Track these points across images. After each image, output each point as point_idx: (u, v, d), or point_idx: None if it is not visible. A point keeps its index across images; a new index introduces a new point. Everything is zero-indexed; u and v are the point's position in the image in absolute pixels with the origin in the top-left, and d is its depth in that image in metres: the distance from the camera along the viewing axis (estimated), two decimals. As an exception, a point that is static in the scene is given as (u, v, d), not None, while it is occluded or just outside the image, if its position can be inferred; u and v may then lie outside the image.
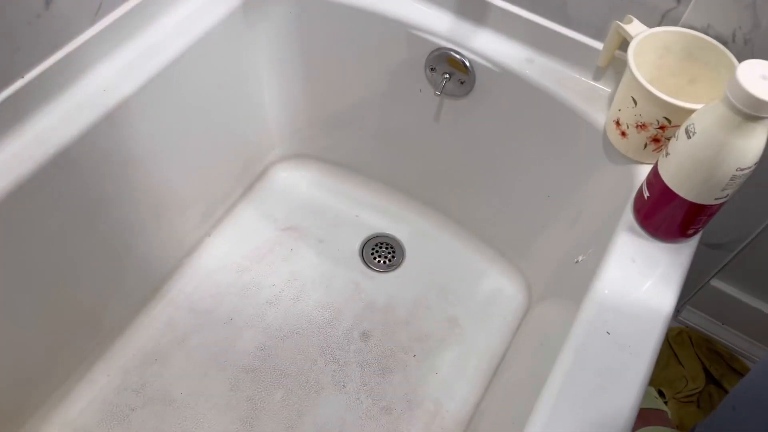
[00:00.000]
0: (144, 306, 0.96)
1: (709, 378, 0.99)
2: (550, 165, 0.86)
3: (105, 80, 0.73)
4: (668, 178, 0.60)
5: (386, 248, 1.06)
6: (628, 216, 0.67)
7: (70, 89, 0.71)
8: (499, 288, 1.02)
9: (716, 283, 0.96)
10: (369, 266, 1.04)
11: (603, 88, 0.78)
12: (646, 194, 0.64)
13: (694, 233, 0.65)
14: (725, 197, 0.58)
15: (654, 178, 0.62)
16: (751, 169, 0.55)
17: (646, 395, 0.91)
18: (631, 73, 0.64)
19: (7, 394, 0.79)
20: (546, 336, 0.77)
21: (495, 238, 1.04)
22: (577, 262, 0.78)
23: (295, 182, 1.12)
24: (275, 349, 0.94)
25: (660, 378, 0.98)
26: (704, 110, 0.55)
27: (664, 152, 0.61)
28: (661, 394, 0.96)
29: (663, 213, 0.63)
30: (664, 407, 0.91)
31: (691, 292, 0.99)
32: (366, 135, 1.04)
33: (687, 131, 0.56)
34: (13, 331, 0.75)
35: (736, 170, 0.55)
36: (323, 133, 1.08)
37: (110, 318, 0.90)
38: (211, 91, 0.88)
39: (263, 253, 1.04)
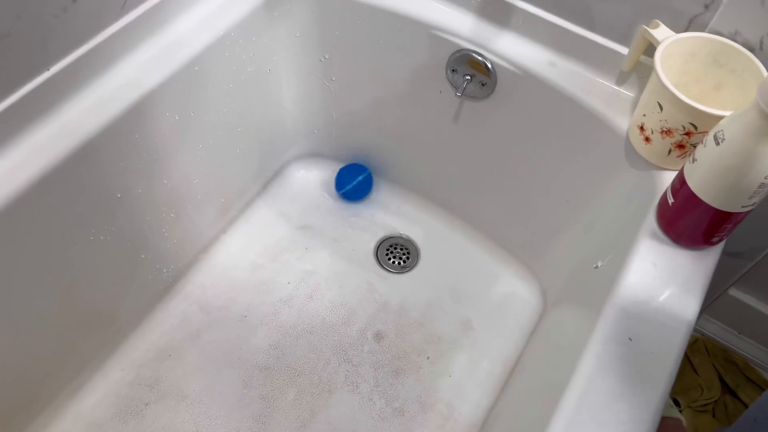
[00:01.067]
0: (159, 301, 0.96)
1: (725, 387, 0.98)
2: (570, 169, 0.85)
3: (129, 74, 0.74)
4: (694, 184, 0.59)
5: (401, 249, 1.06)
6: (651, 222, 0.67)
7: (94, 82, 0.72)
8: (513, 291, 1.01)
9: (734, 293, 0.95)
10: (383, 267, 1.04)
11: (626, 92, 0.78)
12: (671, 200, 0.63)
13: (719, 241, 0.64)
14: (752, 205, 0.58)
15: (679, 184, 0.62)
16: (780, 178, 0.54)
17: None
18: (658, 79, 0.63)
19: (22, 386, 0.79)
20: (562, 341, 0.76)
21: (511, 241, 1.04)
22: (596, 267, 0.78)
23: (312, 181, 1.12)
24: (289, 348, 0.94)
25: (675, 386, 0.97)
26: (733, 117, 0.55)
27: (690, 158, 0.60)
28: (676, 402, 0.95)
29: (687, 219, 0.62)
30: (679, 415, 0.90)
31: (708, 300, 0.98)
32: (384, 135, 1.04)
33: (716, 138, 0.56)
34: (30, 322, 0.75)
35: (765, 178, 0.54)
36: (341, 133, 1.08)
37: (125, 312, 0.90)
38: (231, 88, 0.88)
39: (278, 251, 1.04)
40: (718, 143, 0.56)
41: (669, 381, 0.57)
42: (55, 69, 0.67)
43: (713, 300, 0.97)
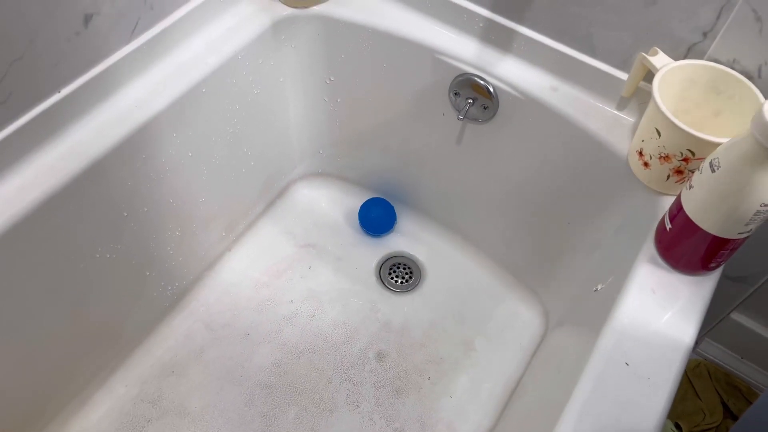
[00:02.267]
0: (164, 318, 0.97)
1: (727, 412, 0.98)
2: (570, 192, 0.86)
3: (138, 96, 0.75)
4: (691, 210, 0.60)
5: (404, 269, 1.07)
6: (650, 247, 0.68)
7: (104, 104, 0.73)
8: (515, 313, 1.02)
9: (736, 317, 0.95)
10: (386, 286, 1.04)
11: (626, 117, 0.78)
12: (668, 226, 0.64)
13: (716, 267, 0.64)
14: (749, 232, 0.58)
15: (677, 210, 0.62)
16: (775, 205, 0.55)
17: (662, 427, 0.90)
18: (656, 105, 0.64)
19: (27, 400, 0.80)
20: (563, 363, 0.76)
21: (513, 263, 1.04)
22: (596, 290, 0.78)
23: (316, 200, 1.13)
24: (291, 366, 0.94)
25: (677, 411, 0.97)
26: (729, 144, 0.56)
27: (687, 185, 0.61)
28: (677, 427, 0.95)
29: (685, 245, 0.63)
30: (681, 440, 0.90)
31: (710, 324, 0.98)
32: (388, 156, 1.06)
33: (711, 165, 0.56)
34: (37, 338, 0.76)
35: (761, 206, 0.55)
36: (345, 153, 1.09)
37: (130, 328, 0.91)
38: (238, 109, 0.90)
39: (282, 269, 1.05)
40: (713, 170, 0.56)
41: (666, 407, 0.57)
42: (66, 91, 0.69)
43: (715, 324, 0.97)
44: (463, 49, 0.85)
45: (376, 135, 1.03)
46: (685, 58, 0.71)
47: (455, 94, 0.88)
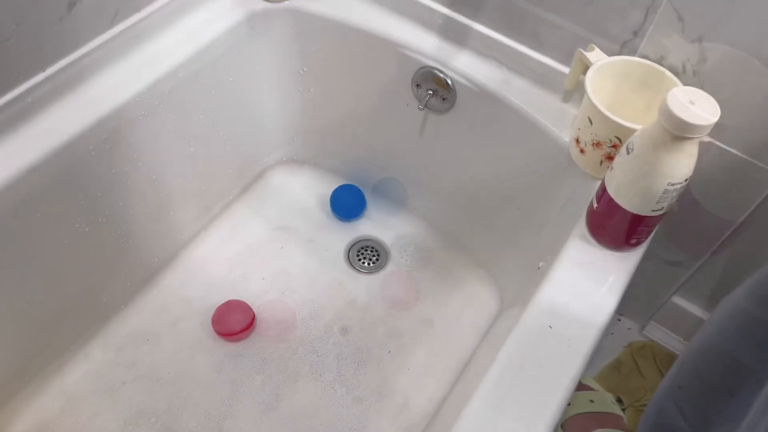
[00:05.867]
0: (140, 290, 1.03)
1: (669, 391, 1.04)
2: (522, 179, 0.92)
3: (117, 78, 0.81)
4: (612, 190, 0.66)
5: (371, 251, 1.13)
6: (581, 226, 0.74)
7: (85, 84, 0.79)
8: (474, 294, 1.08)
9: (678, 301, 1.01)
10: (354, 267, 1.10)
11: (570, 109, 0.85)
12: (595, 205, 0.70)
13: (637, 243, 0.71)
14: (661, 210, 0.65)
15: (602, 191, 0.68)
16: (681, 185, 0.61)
17: (603, 401, 0.97)
18: (587, 96, 0.71)
19: (8, 360, 0.86)
20: (503, 336, 0.82)
21: (473, 247, 1.10)
22: (539, 268, 0.84)
23: (290, 185, 1.19)
24: (259, 338, 1.00)
25: (621, 387, 1.03)
26: (642, 130, 0.62)
27: (610, 167, 0.67)
28: (619, 400, 1.01)
29: (609, 223, 0.69)
30: (621, 413, 0.96)
31: (654, 308, 1.04)
32: (357, 145, 1.12)
33: (627, 148, 0.63)
34: (18, 302, 0.82)
35: (668, 185, 0.61)
36: (318, 141, 1.16)
37: (108, 298, 0.97)
38: (215, 97, 0.95)
39: (254, 249, 1.11)
40: (629, 153, 0.63)
41: (582, 364, 0.63)
42: (50, 71, 0.75)
43: (659, 308, 1.03)
44: (425, 44, 0.91)
45: (346, 124, 1.09)
46: (619, 54, 0.77)
47: (417, 85, 0.94)
